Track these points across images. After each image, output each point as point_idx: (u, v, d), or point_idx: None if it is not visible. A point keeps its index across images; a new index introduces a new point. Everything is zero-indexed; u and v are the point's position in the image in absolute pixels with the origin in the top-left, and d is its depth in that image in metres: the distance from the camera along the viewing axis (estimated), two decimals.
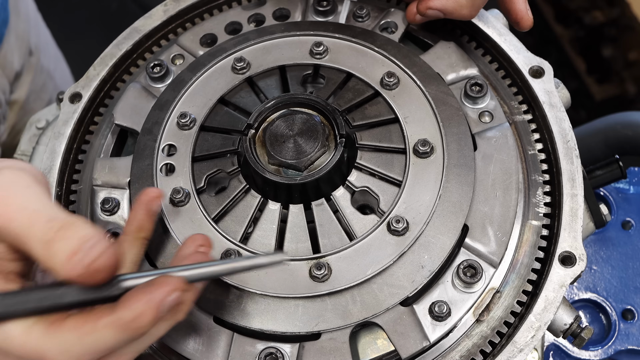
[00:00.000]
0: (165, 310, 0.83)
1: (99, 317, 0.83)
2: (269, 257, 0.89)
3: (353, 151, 1.11)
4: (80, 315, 0.84)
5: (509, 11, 1.16)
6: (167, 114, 1.17)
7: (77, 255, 0.81)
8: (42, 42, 1.96)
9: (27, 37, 1.83)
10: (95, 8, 3.84)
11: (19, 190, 0.86)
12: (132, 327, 0.82)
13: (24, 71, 1.82)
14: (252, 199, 1.09)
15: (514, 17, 1.16)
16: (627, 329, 1.38)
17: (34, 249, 0.83)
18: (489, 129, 1.14)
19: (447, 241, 1.04)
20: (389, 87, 1.15)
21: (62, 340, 0.82)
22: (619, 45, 3.43)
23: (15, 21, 1.75)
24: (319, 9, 1.27)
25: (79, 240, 0.82)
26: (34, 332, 0.83)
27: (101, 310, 0.84)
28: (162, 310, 0.83)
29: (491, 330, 1.05)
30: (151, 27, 1.31)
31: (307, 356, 1.01)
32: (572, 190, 1.10)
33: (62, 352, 0.82)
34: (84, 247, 0.81)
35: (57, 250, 0.82)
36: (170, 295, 0.83)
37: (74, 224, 0.83)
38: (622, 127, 1.58)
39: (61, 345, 0.82)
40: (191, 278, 0.87)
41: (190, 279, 0.87)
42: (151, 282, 0.84)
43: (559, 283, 1.04)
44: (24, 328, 0.83)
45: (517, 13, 1.15)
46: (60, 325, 0.83)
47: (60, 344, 0.82)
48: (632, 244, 1.44)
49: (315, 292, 1.01)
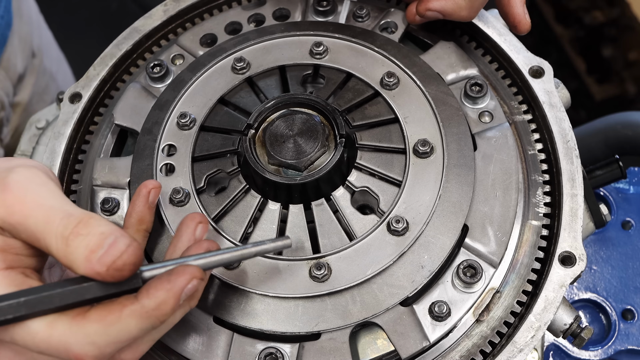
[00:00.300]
0: (184, 297, 0.86)
1: (122, 307, 0.84)
2: (275, 243, 0.94)
3: (353, 151, 1.11)
4: (102, 306, 0.85)
5: (507, 15, 1.16)
6: (167, 114, 1.17)
7: (97, 252, 0.82)
8: (44, 43, 1.96)
9: (29, 39, 1.84)
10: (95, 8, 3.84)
11: (34, 187, 0.87)
12: (155, 315, 0.84)
13: (26, 73, 1.83)
14: (252, 199, 1.09)
15: (512, 20, 1.16)
16: (627, 329, 1.38)
17: (51, 245, 0.84)
18: (489, 129, 1.14)
19: (447, 241, 1.04)
20: (389, 87, 1.15)
21: (87, 331, 0.83)
22: (619, 45, 3.43)
23: (18, 23, 1.75)
24: (319, 9, 1.27)
25: (98, 237, 0.83)
26: (58, 326, 0.83)
27: (124, 301, 0.85)
28: (182, 298, 0.85)
29: (491, 330, 1.05)
30: (151, 27, 1.31)
31: (307, 356, 1.01)
32: (572, 190, 1.10)
33: (88, 343, 0.83)
34: (104, 243, 0.83)
35: (76, 247, 0.83)
36: (190, 283, 0.85)
37: (91, 220, 0.85)
38: (622, 127, 1.58)
39: (87, 336, 0.83)
40: (205, 266, 0.90)
41: (205, 267, 0.90)
42: (170, 271, 0.86)
43: (558, 283, 1.04)
44: (47, 324, 0.84)
45: (515, 17, 1.15)
46: (84, 317, 0.84)
47: (86, 336, 0.83)
48: (632, 244, 1.44)
49: (315, 292, 1.01)
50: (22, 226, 0.85)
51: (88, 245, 0.83)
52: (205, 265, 0.90)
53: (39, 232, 0.85)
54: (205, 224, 0.97)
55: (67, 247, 0.83)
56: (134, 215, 0.97)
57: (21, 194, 0.86)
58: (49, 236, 0.84)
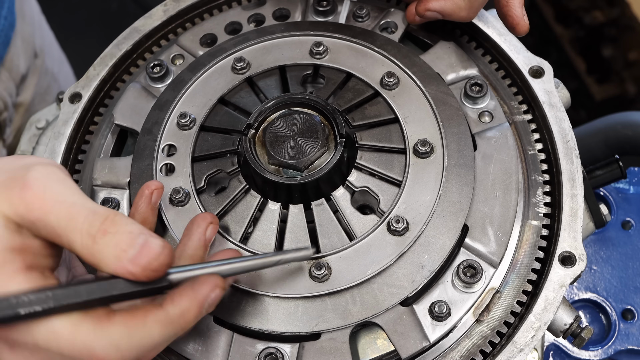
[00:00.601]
0: (207, 306, 0.86)
1: (147, 313, 0.84)
2: (298, 253, 0.97)
3: (353, 151, 1.11)
4: (127, 311, 0.85)
5: (506, 16, 1.16)
6: (167, 114, 1.17)
7: (128, 251, 0.82)
8: (46, 44, 1.97)
9: (32, 40, 1.84)
10: (95, 8, 3.84)
11: (54, 184, 0.86)
12: (178, 323, 0.85)
13: (29, 74, 1.83)
14: (252, 199, 1.09)
15: (510, 22, 1.16)
16: (627, 329, 1.38)
17: (75, 242, 0.83)
18: (489, 129, 1.14)
19: (447, 241, 1.04)
20: (389, 87, 1.15)
21: (112, 336, 0.83)
22: (619, 45, 3.43)
23: (21, 24, 1.76)
24: (319, 9, 1.27)
25: (128, 236, 0.83)
26: (82, 329, 0.83)
27: (149, 307, 0.85)
28: (205, 307, 0.86)
29: (491, 330, 1.05)
30: (151, 27, 1.31)
31: (307, 356, 1.01)
32: (572, 190, 1.10)
33: (112, 347, 0.83)
34: (135, 243, 0.83)
35: (105, 245, 0.82)
36: (213, 292, 0.86)
37: (118, 218, 0.84)
38: (622, 127, 1.58)
39: (111, 341, 0.83)
40: (230, 272, 0.92)
41: (229, 273, 0.91)
42: (195, 279, 0.87)
43: (559, 283, 1.04)
44: (72, 324, 0.83)
45: (513, 18, 1.15)
46: (108, 321, 0.84)
47: (110, 340, 0.83)
48: (632, 244, 1.44)
49: (315, 292, 1.01)
50: (42, 222, 0.84)
51: (118, 244, 0.82)
52: (230, 271, 0.91)
53: (61, 229, 0.84)
54: (216, 225, 0.97)
55: (95, 244, 0.82)
56: (136, 216, 0.97)
57: (40, 190, 0.84)
58: (72, 233, 0.83)
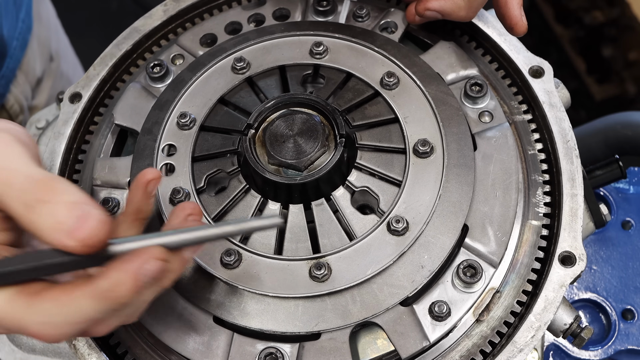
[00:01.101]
0: (146, 279, 0.82)
1: (76, 288, 0.82)
2: (261, 221, 0.88)
3: (353, 151, 1.11)
4: (59, 286, 0.83)
5: (504, 16, 1.16)
6: (167, 114, 1.17)
7: (66, 223, 0.79)
8: (62, 47, 1.98)
9: (48, 43, 1.85)
10: (95, 8, 3.85)
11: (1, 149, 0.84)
12: (111, 297, 0.81)
13: (44, 77, 1.84)
14: (252, 199, 1.09)
15: (509, 22, 1.16)
16: (627, 329, 1.38)
17: (13, 209, 0.81)
18: (489, 129, 1.14)
19: (447, 241, 1.04)
20: (389, 87, 1.15)
21: (42, 311, 0.82)
22: (619, 45, 3.43)
23: (38, 27, 1.76)
24: (319, 9, 1.27)
25: (65, 206, 0.80)
26: (16, 305, 0.82)
27: (78, 281, 0.83)
28: (141, 280, 0.81)
29: (491, 330, 1.05)
30: (151, 27, 1.31)
31: (307, 356, 1.01)
32: (572, 190, 1.10)
33: (43, 323, 0.82)
34: (73, 214, 0.80)
35: (41, 215, 0.80)
36: (149, 264, 0.81)
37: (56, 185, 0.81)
38: (622, 127, 1.58)
39: (41, 316, 0.82)
40: (179, 243, 0.85)
41: (178, 243, 0.85)
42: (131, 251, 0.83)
43: (558, 283, 1.04)
44: (7, 300, 0.82)
45: (511, 18, 1.16)
46: (40, 296, 0.82)
47: (41, 315, 0.82)
48: (632, 244, 1.44)
49: (315, 292, 1.01)
50: None
51: (54, 215, 0.79)
52: (180, 242, 0.85)
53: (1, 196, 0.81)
54: (197, 216, 0.92)
55: (31, 214, 0.80)
56: (132, 204, 0.94)
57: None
58: (9, 199, 0.81)
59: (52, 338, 0.84)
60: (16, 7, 1.64)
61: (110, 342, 1.09)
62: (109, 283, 0.81)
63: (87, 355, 1.04)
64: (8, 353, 1.19)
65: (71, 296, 0.82)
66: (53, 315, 0.82)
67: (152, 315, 1.02)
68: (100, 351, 1.04)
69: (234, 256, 1.03)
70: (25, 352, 1.19)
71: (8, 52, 1.63)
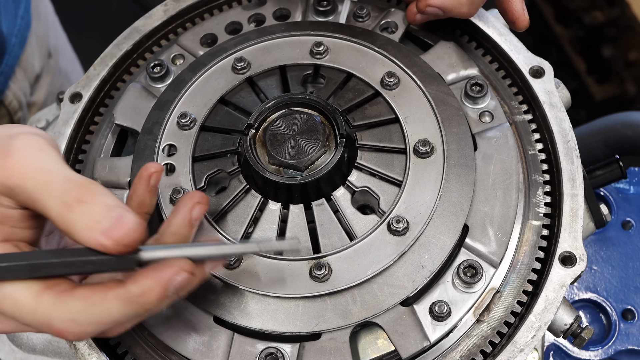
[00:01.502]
0: (172, 289, 0.85)
1: (107, 289, 0.84)
2: (281, 243, 0.94)
3: (353, 151, 1.11)
4: (89, 286, 0.86)
5: (506, 11, 1.16)
6: (168, 114, 1.17)
7: (101, 223, 0.82)
8: (60, 44, 1.98)
9: (46, 40, 1.86)
10: (95, 8, 3.84)
11: (34, 152, 0.87)
12: (139, 302, 0.84)
13: (43, 73, 1.84)
14: (253, 199, 1.09)
15: (510, 17, 1.16)
16: (627, 329, 1.38)
17: (50, 208, 0.84)
18: (489, 129, 1.14)
19: (448, 241, 1.04)
20: (389, 87, 1.15)
21: (71, 309, 0.84)
22: (619, 45, 3.43)
23: (36, 24, 1.77)
24: (319, 9, 1.27)
25: (103, 207, 0.83)
26: (43, 300, 0.84)
27: (111, 283, 0.85)
28: (169, 289, 0.85)
29: (491, 330, 1.05)
30: (151, 27, 1.31)
31: (307, 356, 1.01)
32: (573, 190, 1.10)
33: (70, 320, 0.84)
34: (109, 215, 0.83)
35: (79, 214, 0.83)
36: (179, 275, 0.85)
37: (94, 188, 0.85)
38: (622, 127, 1.58)
39: (69, 314, 0.84)
40: (204, 256, 0.90)
41: (203, 256, 0.90)
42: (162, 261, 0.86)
43: (559, 283, 1.04)
44: (33, 295, 0.84)
45: (513, 13, 1.16)
46: (69, 294, 0.84)
47: (69, 313, 0.84)
48: (632, 244, 1.44)
49: (316, 292, 1.01)
50: (19, 188, 0.85)
51: (91, 215, 0.82)
52: (204, 255, 0.89)
53: (37, 194, 0.84)
54: (204, 206, 0.95)
55: (69, 212, 0.83)
56: (134, 198, 0.96)
57: (20, 157, 0.85)
58: (47, 198, 0.84)
59: (75, 336, 0.85)
60: (15, 4, 1.64)
61: (111, 342, 1.09)
62: (140, 289, 0.84)
63: (87, 355, 1.04)
64: (8, 353, 1.19)
65: (102, 297, 0.84)
66: (80, 313, 0.84)
67: (153, 315, 1.02)
68: (101, 351, 1.04)
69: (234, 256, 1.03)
70: (25, 352, 1.19)
71: (7, 48, 1.63)
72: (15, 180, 0.84)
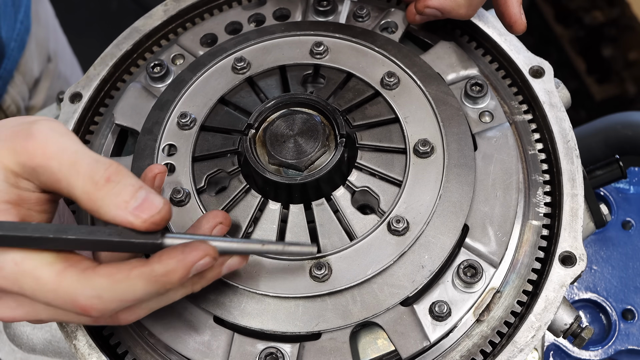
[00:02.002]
0: (194, 272, 0.86)
1: (132, 267, 0.85)
2: (301, 247, 0.95)
3: (353, 151, 1.11)
4: (113, 264, 0.87)
5: (503, 15, 1.17)
6: (168, 114, 1.17)
7: (130, 202, 0.84)
8: (60, 48, 1.98)
9: (46, 44, 1.85)
10: (95, 8, 3.85)
11: (58, 135, 0.88)
12: (162, 282, 0.85)
13: (42, 77, 1.84)
14: (253, 199, 1.09)
15: (508, 20, 1.16)
16: (627, 329, 1.38)
17: (76, 187, 0.85)
18: (489, 129, 1.14)
19: (448, 241, 1.04)
20: (389, 87, 1.15)
21: (95, 285, 0.84)
22: (619, 45, 3.43)
23: (36, 28, 1.76)
24: (319, 9, 1.27)
25: (131, 187, 0.85)
26: (66, 277, 0.85)
27: (134, 262, 0.86)
28: (192, 272, 0.86)
29: (491, 330, 1.05)
30: (151, 27, 1.31)
31: (307, 356, 1.01)
32: (573, 190, 1.10)
33: (94, 297, 0.84)
34: (138, 195, 0.85)
35: (107, 193, 0.84)
36: (203, 259, 0.86)
37: (121, 169, 0.87)
38: (622, 127, 1.58)
39: (94, 290, 0.84)
40: (225, 249, 0.91)
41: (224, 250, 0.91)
42: (186, 243, 0.88)
43: (559, 283, 1.04)
44: (57, 273, 0.85)
45: (510, 17, 1.16)
46: (93, 271, 0.85)
47: (93, 289, 0.84)
48: (632, 244, 1.44)
49: (316, 292, 1.01)
50: (42, 168, 0.86)
51: (120, 194, 0.85)
52: (225, 248, 0.91)
53: (62, 174, 0.85)
54: (225, 227, 0.97)
55: (97, 191, 0.85)
56: None
57: (44, 139, 0.87)
58: (74, 178, 0.85)
59: (98, 312, 0.86)
60: (15, 8, 1.64)
61: (111, 342, 1.09)
62: (164, 268, 0.85)
63: (87, 355, 1.04)
64: (8, 353, 1.19)
65: (126, 274, 0.85)
66: (105, 290, 0.85)
67: (153, 314, 1.02)
68: (101, 351, 1.04)
69: None
70: (25, 352, 1.19)
71: (6, 53, 1.63)
72: (39, 161, 0.86)
